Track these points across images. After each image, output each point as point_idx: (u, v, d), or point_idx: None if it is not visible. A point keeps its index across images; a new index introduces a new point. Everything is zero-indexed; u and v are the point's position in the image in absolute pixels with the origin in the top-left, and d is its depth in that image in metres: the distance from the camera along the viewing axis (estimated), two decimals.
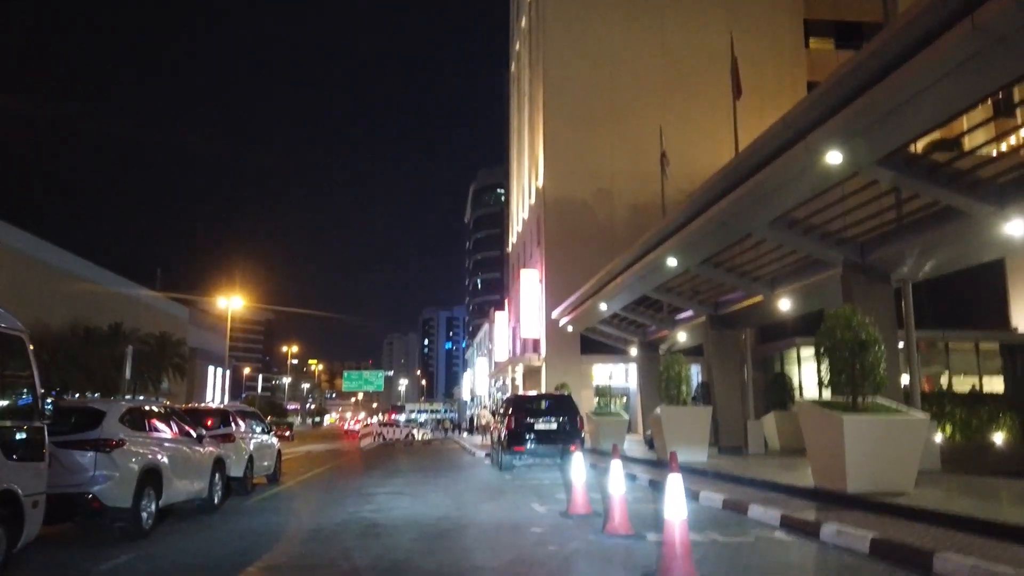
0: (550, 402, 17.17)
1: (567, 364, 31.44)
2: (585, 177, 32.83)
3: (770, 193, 11.48)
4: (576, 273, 31.16)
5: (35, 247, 43.42)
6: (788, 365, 26.50)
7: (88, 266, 52.84)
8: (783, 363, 26.89)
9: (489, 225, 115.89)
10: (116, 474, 7.81)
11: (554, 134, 33.35)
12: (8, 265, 39.73)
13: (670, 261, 16.12)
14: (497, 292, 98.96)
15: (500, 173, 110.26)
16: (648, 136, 32.85)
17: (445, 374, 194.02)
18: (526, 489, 12.74)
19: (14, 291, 40.34)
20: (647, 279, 18.33)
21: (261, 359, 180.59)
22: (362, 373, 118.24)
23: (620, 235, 31.75)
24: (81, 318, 45.23)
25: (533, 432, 16.17)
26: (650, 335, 25.34)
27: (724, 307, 18.94)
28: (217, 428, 12.70)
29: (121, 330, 49.28)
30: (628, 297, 20.90)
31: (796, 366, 26.00)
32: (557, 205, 32.70)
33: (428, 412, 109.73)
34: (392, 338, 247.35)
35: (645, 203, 32.27)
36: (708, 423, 15.69)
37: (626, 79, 33.76)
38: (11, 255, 40.31)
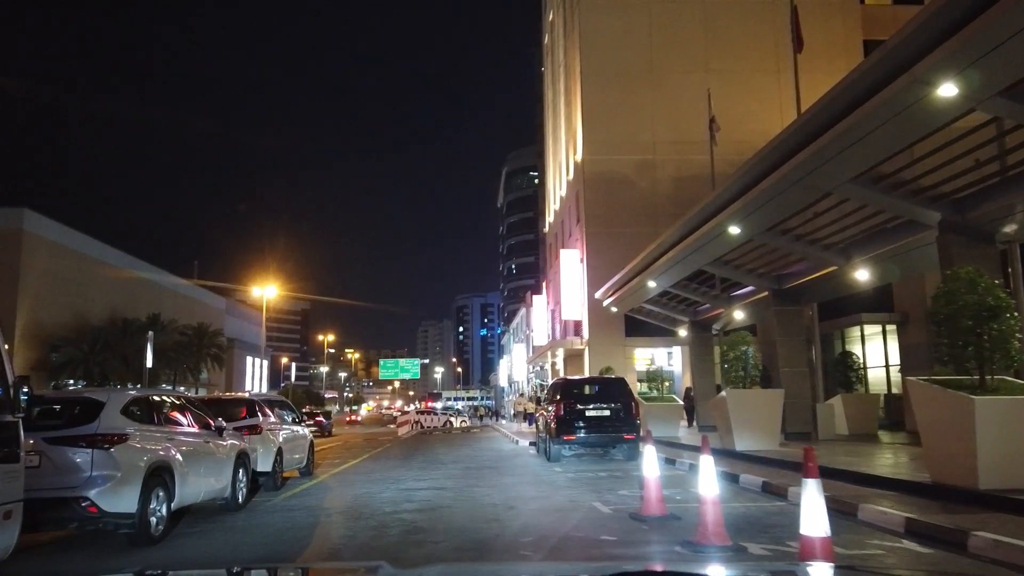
0: (601, 386, 15.82)
1: (611, 347, 30.00)
2: (625, 148, 31.17)
3: (860, 142, 9.91)
4: (618, 251, 29.64)
5: (73, 239, 43.54)
6: (850, 344, 24.73)
7: (126, 257, 53.01)
8: (844, 342, 25.14)
9: (522, 208, 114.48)
10: (117, 474, 6.70)
11: (591, 102, 31.69)
12: (47, 257, 39.77)
13: (732, 229, 14.59)
14: (532, 276, 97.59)
15: (532, 154, 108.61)
16: (690, 101, 31.03)
17: (481, 361, 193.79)
18: (581, 483, 11.45)
19: (53, 282, 40.59)
20: (703, 251, 16.79)
21: (299, 348, 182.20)
22: (398, 361, 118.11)
23: (664, 209, 30.14)
24: (120, 309, 46.46)
25: (584, 419, 14.86)
26: (701, 314, 23.76)
27: (788, 280, 17.33)
28: (242, 419, 11.64)
29: (159, 320, 49.83)
30: (680, 272, 19.37)
31: (860, 345, 24.23)
32: (596, 179, 31.13)
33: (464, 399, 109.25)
34: (427, 326, 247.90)
35: (690, 174, 30.56)
36: (780, 408, 14.19)
37: (665, 39, 31.90)
38: (49, 246, 40.35)
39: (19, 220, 37.98)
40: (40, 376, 38.21)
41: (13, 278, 37.20)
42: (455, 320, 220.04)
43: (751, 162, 13.13)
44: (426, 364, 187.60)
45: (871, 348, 24.22)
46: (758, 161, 12.68)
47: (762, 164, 12.58)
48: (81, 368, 39.91)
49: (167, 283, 63.61)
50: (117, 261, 50.87)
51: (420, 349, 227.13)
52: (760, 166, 12.77)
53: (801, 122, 10.82)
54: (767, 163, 12.36)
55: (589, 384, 15.99)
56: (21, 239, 37.89)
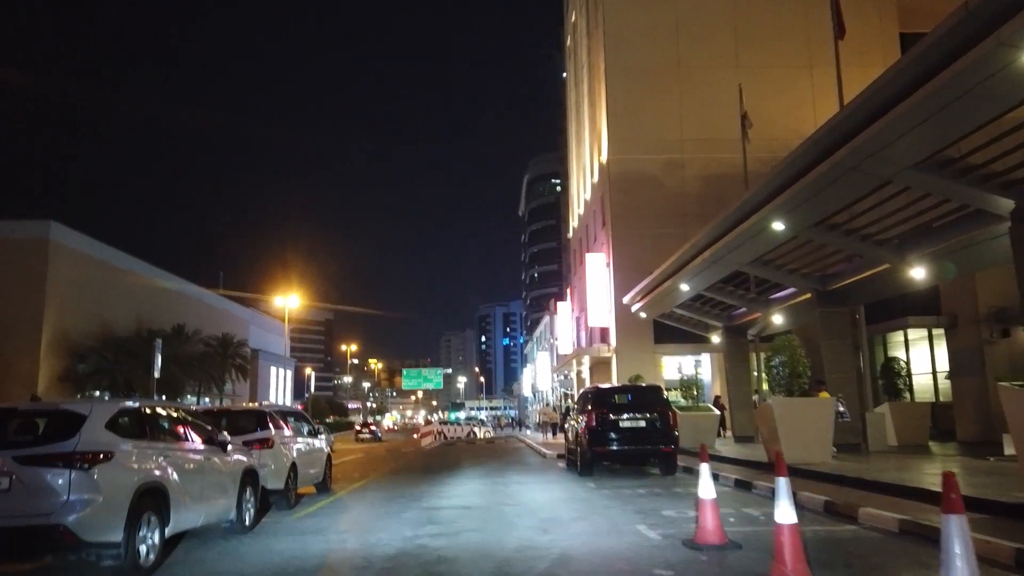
0: (635, 395, 14.81)
1: (640, 354, 28.91)
2: (652, 147, 30.13)
3: (928, 121, 8.89)
4: (646, 254, 28.63)
5: (98, 250, 43.64)
6: (893, 349, 23.43)
7: (151, 267, 53.04)
8: (886, 347, 23.85)
9: (544, 216, 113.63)
10: (99, 498, 5.86)
11: (616, 100, 30.70)
12: (73, 267, 39.80)
13: (776, 225, 13.56)
14: (555, 284, 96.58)
15: (554, 161, 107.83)
16: (719, 97, 29.96)
17: (503, 370, 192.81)
18: (620, 502, 10.45)
19: (79, 293, 40.62)
20: (743, 250, 15.76)
21: (323, 359, 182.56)
22: (421, 371, 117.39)
23: (692, 210, 29.04)
24: (145, 319, 46.12)
25: (618, 430, 13.86)
26: (736, 319, 22.65)
27: (834, 281, 16.23)
28: (253, 432, 10.82)
29: (184, 331, 50.58)
30: (716, 274, 18.32)
31: (903, 350, 22.93)
32: (622, 180, 30.12)
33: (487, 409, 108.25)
34: (449, 336, 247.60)
35: (720, 174, 29.45)
36: (831, 417, 13.09)
37: (692, 35, 30.83)
38: (75, 257, 40.41)
39: (46, 231, 38.19)
40: (67, 386, 38.33)
41: (40, 289, 37.39)
42: (477, 330, 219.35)
43: (799, 150, 12.11)
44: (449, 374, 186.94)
45: (916, 353, 22.91)
46: (808, 147, 11.65)
47: (812, 151, 11.55)
48: (107, 378, 39.92)
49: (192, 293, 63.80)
50: (142, 271, 51.04)
51: (443, 359, 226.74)
52: (810, 154, 11.74)
53: (861, 100, 9.80)
54: (818, 149, 11.34)
55: (622, 393, 14.97)
56: (47, 250, 38.08)
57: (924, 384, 22.64)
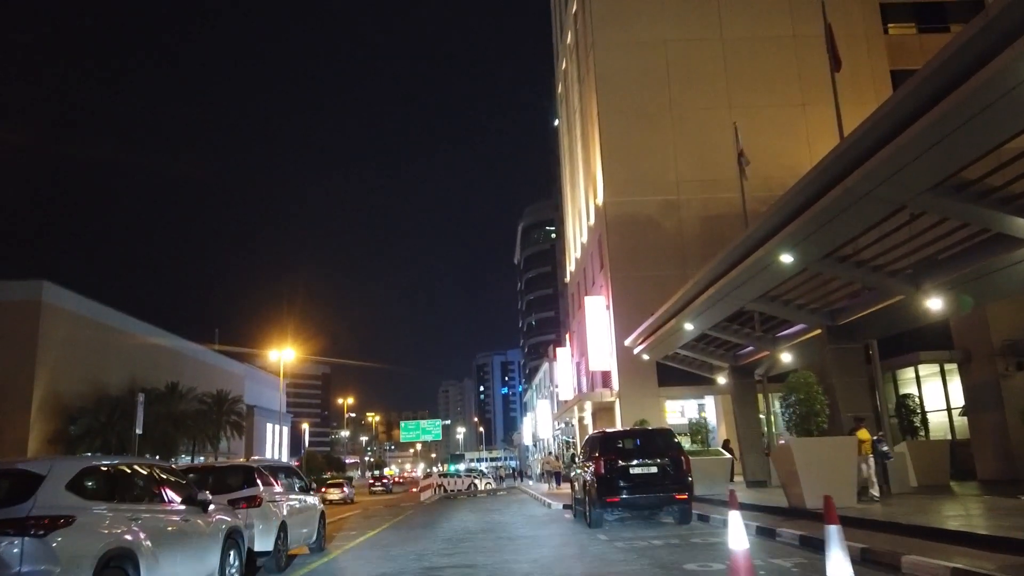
0: (645, 439, 14.09)
1: (644, 398, 28.14)
2: (648, 188, 29.92)
3: (947, 139, 8.48)
4: (646, 296, 28.15)
5: (90, 308, 43.40)
6: (904, 386, 22.78)
7: (144, 325, 52.75)
8: (896, 384, 23.20)
9: (540, 263, 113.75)
10: (55, 570, 5.18)
11: (611, 143, 30.62)
12: (65, 327, 39.40)
13: (784, 258, 13.08)
14: (553, 331, 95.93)
15: (548, 208, 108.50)
16: (713, 138, 29.97)
17: (503, 419, 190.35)
18: (636, 556, 9.68)
19: (71, 353, 40.00)
20: (748, 286, 15.24)
21: (319, 413, 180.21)
22: (419, 423, 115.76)
23: (692, 250, 28.71)
24: (139, 377, 45.67)
25: (628, 478, 13.12)
26: (743, 358, 22.01)
27: (844, 315, 15.68)
28: (239, 489, 10.08)
29: (178, 389, 50.18)
30: (721, 312, 17.77)
31: (915, 387, 22.28)
32: (619, 222, 29.82)
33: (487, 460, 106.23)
34: (447, 386, 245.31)
35: (717, 213, 29.22)
36: (854, 457, 12.39)
37: (684, 77, 30.93)
38: (67, 317, 39.97)
39: (38, 291, 37.84)
40: (58, 448, 37.68)
41: (31, 349, 36.94)
42: (476, 379, 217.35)
43: (806, 179, 11.71)
44: (448, 425, 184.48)
45: (928, 390, 22.27)
46: (816, 175, 11.25)
47: (821, 179, 11.14)
48: (99, 439, 39.22)
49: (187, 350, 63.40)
50: (136, 329, 50.87)
51: (441, 410, 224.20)
52: (818, 182, 11.33)
53: (873, 122, 9.42)
54: (827, 177, 10.93)
55: (631, 437, 14.25)
56: (40, 310, 37.69)
57: (939, 421, 21.93)
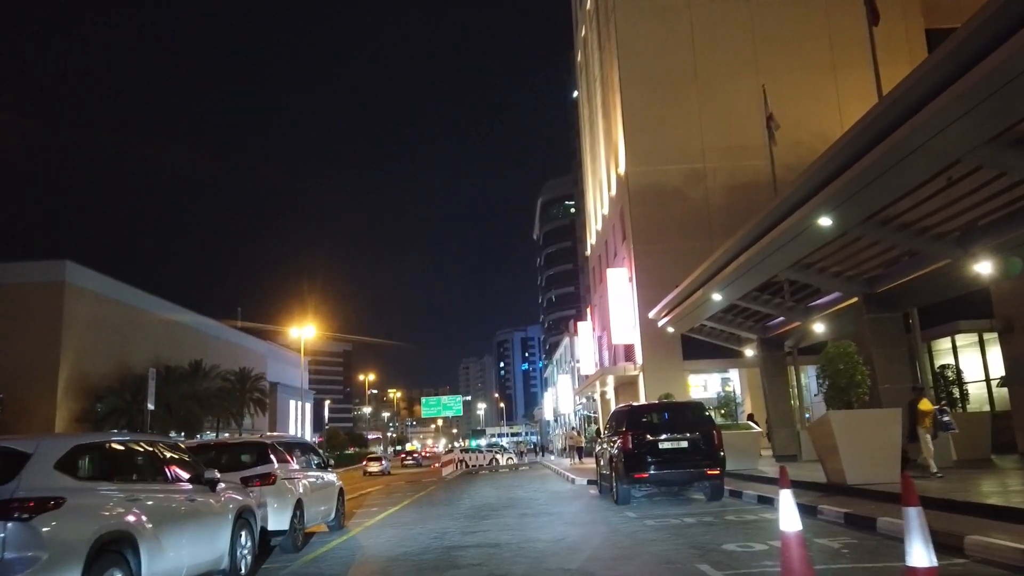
0: (675, 413, 13.53)
1: (668, 372, 27.54)
2: (672, 157, 29.03)
3: (1013, 83, 7.69)
4: (669, 268, 27.43)
5: (114, 288, 43.62)
6: (940, 357, 21.93)
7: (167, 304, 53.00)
8: (931, 355, 22.34)
9: (559, 238, 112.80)
10: (43, 555, 4.74)
11: (633, 111, 29.69)
12: (89, 307, 39.67)
13: (823, 222, 12.33)
14: (573, 306, 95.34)
15: (567, 184, 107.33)
16: (740, 104, 28.98)
17: (523, 396, 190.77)
18: (669, 534, 9.16)
19: (96, 333, 40.25)
20: (783, 253, 14.50)
21: (341, 390, 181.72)
22: (440, 399, 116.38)
23: (718, 221, 27.88)
24: (163, 356, 46.33)
25: (657, 453, 12.58)
26: (772, 330, 21.31)
27: (883, 282, 14.93)
28: (253, 466, 9.69)
29: (201, 367, 50.69)
30: (752, 281, 17.05)
31: (952, 357, 21.42)
32: (643, 192, 28.99)
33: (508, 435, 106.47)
34: (468, 363, 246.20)
35: (744, 182, 28.30)
36: (898, 430, 11.74)
37: (709, 42, 29.83)
38: (91, 297, 40.18)
39: (61, 272, 38.00)
40: (86, 427, 37.94)
41: (56, 330, 37.18)
42: (496, 356, 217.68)
43: (849, 136, 10.93)
44: (468, 401, 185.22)
45: (965, 361, 21.41)
46: (860, 131, 10.48)
47: (865, 135, 10.37)
48: (125, 418, 39.57)
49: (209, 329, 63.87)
50: (158, 309, 51.16)
51: (462, 386, 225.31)
52: (862, 138, 10.56)
53: (926, 70, 8.65)
54: (872, 132, 10.16)
55: (660, 411, 13.68)
56: (63, 291, 37.90)
57: (977, 393, 21.11)
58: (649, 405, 14.14)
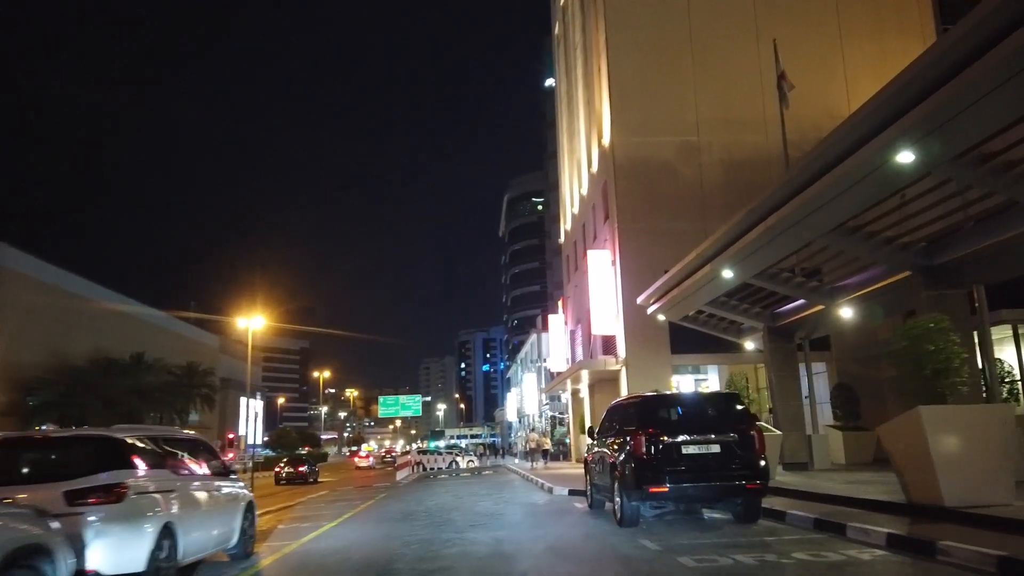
0: (702, 406, 10.41)
1: (655, 367, 24.47)
2: (663, 128, 26.04)
3: None
4: (658, 251, 24.53)
5: (53, 274, 40.35)
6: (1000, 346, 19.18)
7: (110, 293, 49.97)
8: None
9: (526, 235, 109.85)
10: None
11: (621, 76, 26.61)
12: (25, 293, 36.32)
13: (901, 158, 9.35)
14: (538, 305, 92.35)
15: (534, 180, 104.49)
16: (738, 73, 26.28)
17: (484, 397, 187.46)
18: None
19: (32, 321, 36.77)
20: (832, 207, 11.45)
21: (298, 389, 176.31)
22: (399, 398, 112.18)
23: (713, 201, 25.00)
24: (105, 348, 43.17)
25: (680, 460, 9.43)
26: (783, 317, 18.40)
27: (945, 252, 12.06)
28: (89, 474, 6.23)
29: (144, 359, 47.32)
30: (778, 251, 14.02)
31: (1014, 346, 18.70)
32: (630, 166, 25.91)
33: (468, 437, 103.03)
34: (428, 363, 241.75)
35: (743, 159, 25.52)
36: (1013, 434, 8.76)
37: (707, 3, 26.96)
38: (27, 282, 36.95)
39: None
40: (14, 422, 34.76)
41: None
42: (457, 356, 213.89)
43: (949, 41, 7.97)
44: (428, 402, 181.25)
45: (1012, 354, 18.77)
46: (970, 29, 7.49)
47: (974, 37, 7.40)
48: (58, 412, 36.71)
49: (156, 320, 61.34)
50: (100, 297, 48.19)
51: (422, 387, 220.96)
52: (972, 39, 7.58)
53: None
54: (985, 31, 7.19)
55: (683, 404, 10.50)
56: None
57: None
58: (668, 396, 10.99)
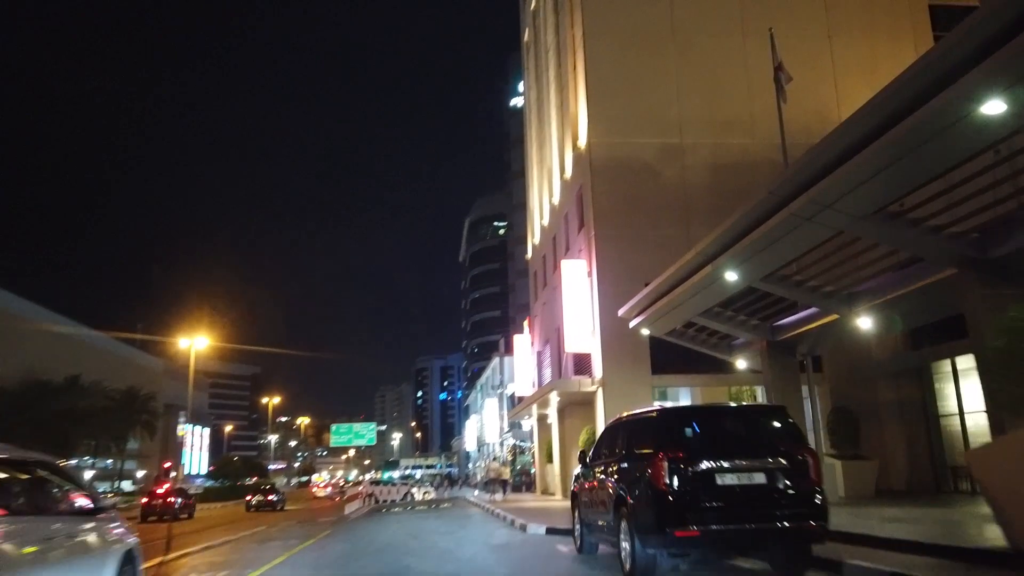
0: (739, 421, 8.06)
1: (634, 387, 22.08)
2: (644, 128, 24.04)
3: None
4: (638, 260, 22.48)
5: None
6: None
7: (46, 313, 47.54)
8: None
9: (487, 259, 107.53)
10: None
11: (599, 70, 24.58)
12: None
13: (988, 109, 7.32)
14: (499, 331, 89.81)
15: (497, 203, 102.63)
16: (725, 70, 24.66)
17: (440, 426, 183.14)
18: None
19: None
20: (871, 188, 9.39)
21: (248, 416, 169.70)
22: (352, 426, 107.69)
23: (698, 206, 23.05)
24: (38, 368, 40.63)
25: (716, 493, 7.06)
26: (783, 331, 16.33)
27: (1005, 242, 10.09)
28: None
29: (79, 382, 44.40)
30: (800, 244, 11.89)
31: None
32: (608, 168, 23.83)
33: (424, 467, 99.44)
34: (384, 391, 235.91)
35: (730, 162, 23.70)
36: None
37: None
38: None
39: None
40: None
41: None
42: (414, 384, 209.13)
43: None
44: (383, 431, 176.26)
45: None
46: None
47: None
48: None
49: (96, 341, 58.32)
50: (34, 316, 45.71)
51: (378, 415, 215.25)
52: None
53: None
54: None
55: (715, 420, 8.11)
56: None
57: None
58: (695, 409, 8.65)
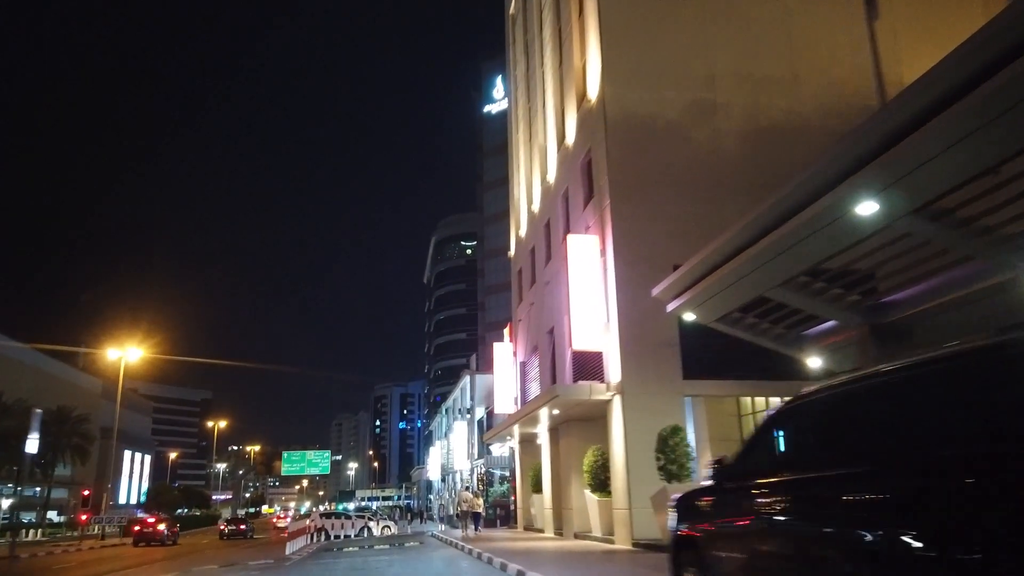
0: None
1: (660, 396, 17.26)
2: (667, 81, 19.59)
3: None
4: (661, 240, 18.05)
5: None
6: None
7: None
8: None
9: (453, 279, 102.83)
10: None
11: (615, 14, 20.31)
12: None
13: None
14: (464, 354, 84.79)
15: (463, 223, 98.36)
16: (763, 19, 20.69)
17: (399, 456, 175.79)
18: None
19: None
20: None
21: (196, 443, 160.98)
22: (305, 454, 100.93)
23: (732, 178, 18.62)
24: None
25: None
26: (898, 310, 11.86)
27: None
28: None
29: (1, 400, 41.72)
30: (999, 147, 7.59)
31: None
32: (626, 126, 19.32)
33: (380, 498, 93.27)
34: (341, 419, 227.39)
35: (769, 126, 19.49)
36: None
37: None
38: None
39: None
40: None
41: None
42: (372, 412, 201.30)
43: None
44: (338, 460, 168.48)
45: None
46: None
47: None
48: None
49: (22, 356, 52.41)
50: None
51: (334, 444, 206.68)
52: None
53: None
54: None
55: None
56: None
57: None
58: (875, 375, 4.12)
